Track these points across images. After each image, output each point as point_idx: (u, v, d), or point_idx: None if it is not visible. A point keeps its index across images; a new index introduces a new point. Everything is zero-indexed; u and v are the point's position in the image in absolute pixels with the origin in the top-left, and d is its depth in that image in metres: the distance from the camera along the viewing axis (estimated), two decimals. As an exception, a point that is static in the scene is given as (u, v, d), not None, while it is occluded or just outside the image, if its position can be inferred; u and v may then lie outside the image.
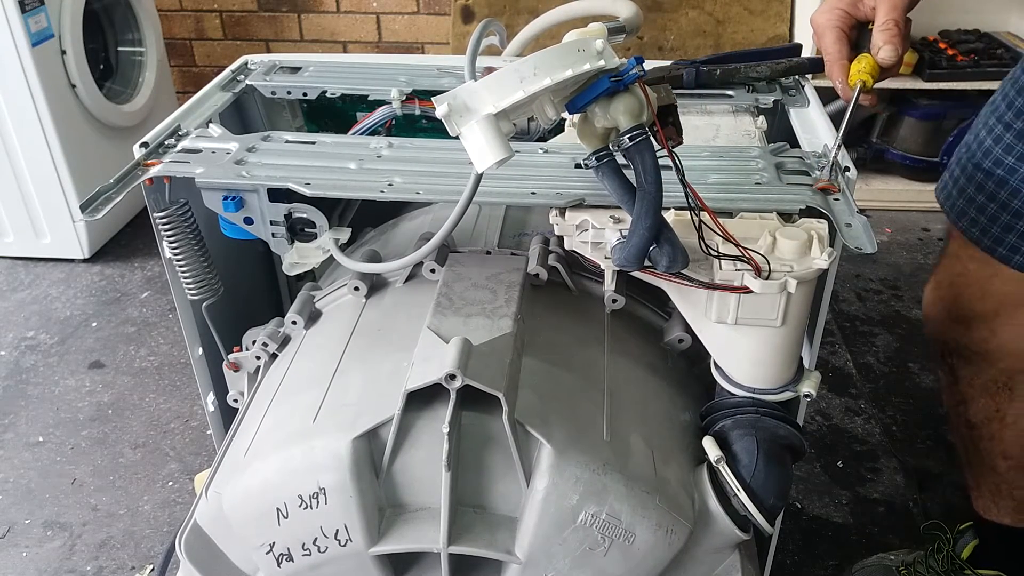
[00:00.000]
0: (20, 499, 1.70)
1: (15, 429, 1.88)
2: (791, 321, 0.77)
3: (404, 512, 0.75)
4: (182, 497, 1.69)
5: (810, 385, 0.83)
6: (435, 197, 0.84)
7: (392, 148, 0.92)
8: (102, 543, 1.60)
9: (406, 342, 0.78)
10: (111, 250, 2.56)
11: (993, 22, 2.74)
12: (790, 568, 1.53)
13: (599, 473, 0.72)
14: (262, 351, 0.97)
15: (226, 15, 3.16)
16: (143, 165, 0.89)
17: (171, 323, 2.21)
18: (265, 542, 0.76)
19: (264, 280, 1.27)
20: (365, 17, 3.10)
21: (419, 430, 0.74)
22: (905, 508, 1.64)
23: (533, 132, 1.13)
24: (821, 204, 0.80)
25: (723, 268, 0.74)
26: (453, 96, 0.65)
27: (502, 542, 0.73)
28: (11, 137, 2.29)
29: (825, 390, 1.94)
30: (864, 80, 0.90)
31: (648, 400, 0.86)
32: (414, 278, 0.93)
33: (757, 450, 0.79)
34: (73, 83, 2.31)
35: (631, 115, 0.69)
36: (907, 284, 2.36)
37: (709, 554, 0.80)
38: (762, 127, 1.03)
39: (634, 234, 0.71)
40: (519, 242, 0.99)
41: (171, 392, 1.99)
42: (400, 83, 1.09)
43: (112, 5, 2.57)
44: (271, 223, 0.89)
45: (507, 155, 0.66)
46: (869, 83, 0.90)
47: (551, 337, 0.85)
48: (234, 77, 1.13)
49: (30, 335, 2.19)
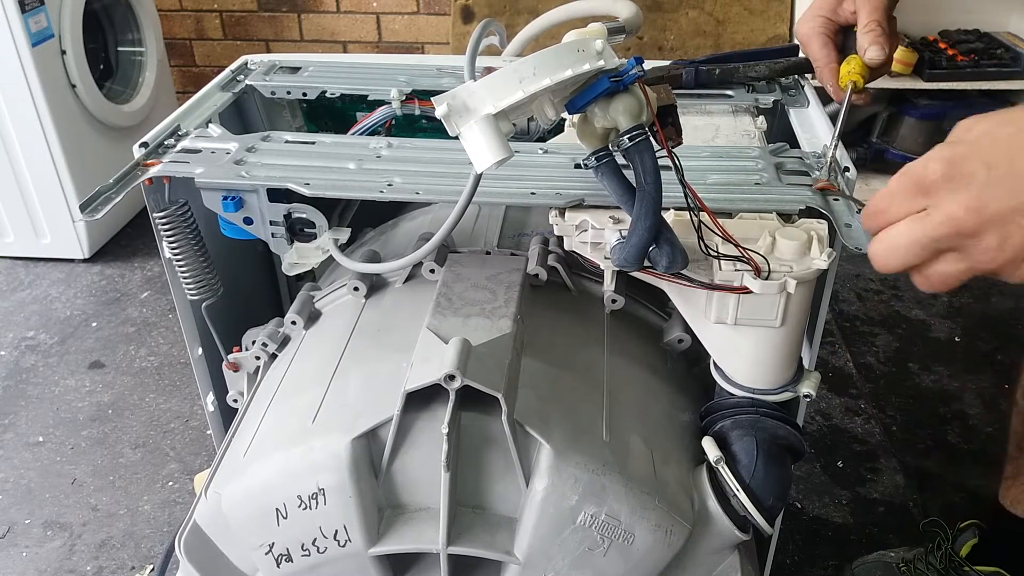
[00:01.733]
0: (20, 499, 1.70)
1: (15, 429, 1.88)
2: (791, 321, 0.77)
3: (403, 512, 0.75)
4: (182, 497, 1.69)
5: (810, 385, 0.83)
6: (435, 197, 0.84)
7: (392, 148, 0.92)
8: (102, 543, 1.60)
9: (405, 342, 0.78)
10: (111, 250, 2.56)
11: (993, 22, 2.74)
12: (790, 568, 1.53)
13: (598, 474, 0.72)
14: (262, 351, 0.97)
15: (226, 15, 3.16)
16: (143, 165, 0.89)
17: (171, 323, 2.21)
18: (264, 542, 0.76)
19: (264, 280, 1.27)
20: (365, 17, 3.10)
21: (418, 430, 0.73)
22: (905, 508, 1.64)
23: (533, 132, 1.13)
24: (821, 204, 0.80)
25: (723, 268, 0.74)
26: (453, 96, 0.65)
27: (501, 542, 0.73)
28: (11, 137, 2.29)
29: (825, 390, 1.94)
30: (855, 81, 0.90)
31: (647, 400, 0.86)
32: (414, 278, 0.93)
33: (757, 450, 0.79)
34: (73, 83, 2.31)
35: (631, 115, 0.69)
36: (907, 284, 2.35)
37: (708, 555, 0.80)
38: (762, 127, 1.03)
39: (634, 234, 0.71)
40: (519, 242, 0.99)
41: (171, 392, 1.99)
42: (400, 83, 1.09)
43: (112, 5, 2.57)
44: (271, 223, 0.89)
45: (507, 155, 0.66)
46: (860, 83, 0.91)
47: (551, 337, 0.85)
48: (234, 77, 1.13)
49: (30, 335, 2.19)
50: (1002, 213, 0.56)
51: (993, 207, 0.56)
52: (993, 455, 1.65)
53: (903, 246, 0.61)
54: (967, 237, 0.58)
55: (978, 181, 0.57)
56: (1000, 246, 0.57)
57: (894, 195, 0.61)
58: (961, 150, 0.58)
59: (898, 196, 0.61)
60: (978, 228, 0.57)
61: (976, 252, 0.58)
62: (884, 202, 0.62)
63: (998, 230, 0.56)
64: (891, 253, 0.62)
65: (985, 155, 0.57)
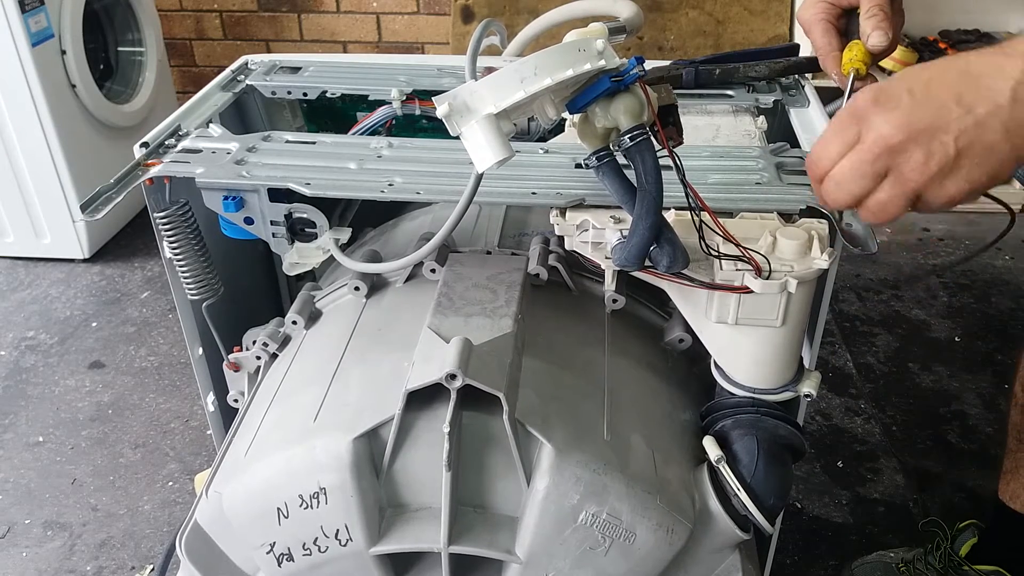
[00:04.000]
0: (20, 499, 1.70)
1: (15, 429, 1.88)
2: (791, 321, 0.77)
3: (405, 512, 0.75)
4: (182, 497, 1.69)
5: (810, 385, 0.83)
6: (435, 197, 0.84)
7: (392, 148, 0.92)
8: (102, 543, 1.60)
9: (406, 342, 0.78)
10: (111, 250, 2.56)
11: (993, 22, 2.74)
12: (790, 568, 1.53)
13: (599, 473, 0.72)
14: (262, 351, 0.97)
15: (226, 15, 3.16)
16: (143, 165, 0.89)
17: (171, 323, 2.21)
18: (266, 542, 0.76)
19: (264, 280, 1.27)
20: (365, 17, 3.10)
21: (420, 430, 0.74)
22: (905, 508, 1.65)
23: (533, 132, 1.13)
24: (821, 204, 0.80)
25: (723, 268, 0.74)
26: (453, 96, 0.65)
27: (503, 542, 0.73)
28: (11, 137, 2.29)
29: (825, 390, 1.94)
30: (857, 68, 0.90)
31: (648, 400, 0.86)
32: (414, 278, 0.93)
33: (757, 450, 0.79)
34: (73, 83, 2.31)
35: (632, 115, 0.70)
36: (907, 284, 2.36)
37: (709, 554, 0.80)
38: (762, 127, 1.03)
39: (634, 234, 0.71)
40: (519, 242, 0.99)
41: (171, 392, 1.99)
42: (400, 83, 1.09)
43: (112, 5, 2.57)
44: (271, 223, 0.89)
45: (507, 155, 0.66)
46: (863, 70, 0.90)
47: (551, 337, 0.85)
48: (234, 77, 1.13)
49: (30, 335, 2.19)
50: (927, 130, 0.62)
51: (917, 124, 0.63)
52: (993, 455, 1.65)
53: (847, 178, 0.66)
54: (898, 153, 0.64)
55: (903, 103, 0.63)
56: (926, 160, 0.63)
57: (830, 136, 0.67)
58: (885, 83, 0.65)
59: (834, 134, 0.67)
60: (905, 143, 0.63)
61: (906, 169, 0.64)
62: (822, 146, 0.68)
63: (924, 145, 0.63)
64: (838, 187, 0.67)
65: (908, 83, 0.64)
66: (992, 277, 2.38)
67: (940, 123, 0.62)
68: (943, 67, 0.64)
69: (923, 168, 0.63)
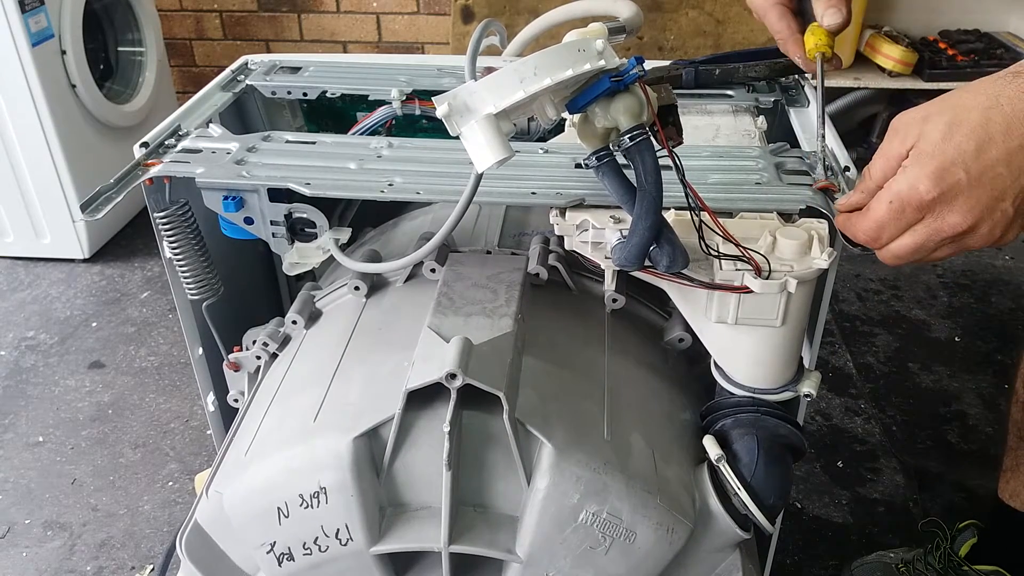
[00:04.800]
0: (20, 499, 1.70)
1: (15, 429, 1.88)
2: (791, 321, 0.77)
3: (405, 511, 0.75)
4: (182, 497, 1.69)
5: (810, 385, 0.83)
6: (435, 197, 0.84)
7: (392, 148, 0.92)
8: (102, 543, 1.60)
9: (406, 341, 0.78)
10: (111, 250, 2.56)
11: (993, 22, 2.74)
12: (790, 568, 1.53)
13: (600, 472, 0.72)
14: (262, 351, 0.97)
15: (226, 15, 3.16)
16: (143, 165, 0.89)
17: (171, 323, 2.21)
18: (266, 541, 0.76)
19: (264, 280, 1.27)
20: (365, 17, 3.10)
21: (420, 429, 0.74)
22: (905, 508, 1.65)
23: (533, 132, 1.13)
24: (821, 204, 0.80)
25: (723, 268, 0.74)
26: (453, 96, 0.65)
27: (503, 541, 0.73)
28: (11, 137, 2.29)
29: (825, 390, 1.95)
30: (823, 51, 0.90)
31: (648, 399, 0.86)
32: (414, 278, 0.93)
33: (758, 449, 0.79)
34: (73, 83, 2.31)
35: (631, 115, 0.70)
36: (907, 284, 2.36)
37: (710, 553, 0.80)
38: (762, 127, 1.03)
39: (634, 234, 0.71)
40: (519, 242, 0.99)
41: (171, 392, 1.99)
42: (400, 83, 1.09)
43: (112, 5, 2.57)
44: (271, 223, 0.89)
45: (507, 155, 0.66)
46: (828, 52, 0.91)
47: (551, 336, 0.85)
48: (234, 77, 1.13)
49: (30, 335, 2.19)
50: (988, 206, 0.66)
51: (979, 206, 0.66)
52: (993, 455, 1.65)
53: (908, 253, 0.71)
54: (965, 235, 0.68)
55: (963, 187, 0.66)
56: (990, 231, 0.68)
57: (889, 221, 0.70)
58: (937, 163, 0.66)
59: (893, 221, 0.69)
60: (974, 225, 0.67)
61: (971, 242, 0.69)
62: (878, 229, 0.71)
63: (988, 220, 0.67)
64: (895, 258, 0.72)
65: (959, 160, 0.66)
66: (992, 277, 2.38)
67: (997, 193, 0.66)
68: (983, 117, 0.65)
69: (988, 237, 0.68)
